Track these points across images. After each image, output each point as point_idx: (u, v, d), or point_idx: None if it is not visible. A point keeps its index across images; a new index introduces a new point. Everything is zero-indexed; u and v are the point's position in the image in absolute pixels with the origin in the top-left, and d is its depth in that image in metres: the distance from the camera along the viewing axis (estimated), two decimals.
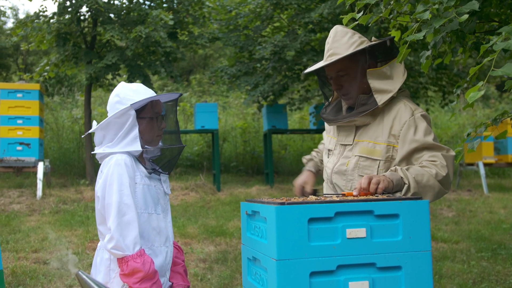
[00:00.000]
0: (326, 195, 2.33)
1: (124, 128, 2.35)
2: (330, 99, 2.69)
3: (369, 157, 2.37)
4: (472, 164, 10.70)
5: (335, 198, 2.07)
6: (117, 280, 2.29)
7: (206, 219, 7.28)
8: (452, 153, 2.31)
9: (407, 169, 2.22)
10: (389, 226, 1.93)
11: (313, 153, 2.87)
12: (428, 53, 2.85)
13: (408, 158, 2.31)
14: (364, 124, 2.42)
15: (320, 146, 2.87)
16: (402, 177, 2.19)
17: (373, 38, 2.55)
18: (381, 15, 2.82)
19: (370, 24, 2.88)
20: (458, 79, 10.18)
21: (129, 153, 2.37)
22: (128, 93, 2.39)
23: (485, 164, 10.55)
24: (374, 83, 2.38)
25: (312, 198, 2.13)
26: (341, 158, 2.47)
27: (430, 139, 2.29)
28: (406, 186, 2.18)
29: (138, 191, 2.35)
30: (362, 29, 8.65)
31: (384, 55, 2.47)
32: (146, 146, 2.44)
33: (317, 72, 2.63)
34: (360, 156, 2.39)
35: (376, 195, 2.12)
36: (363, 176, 2.32)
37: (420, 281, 1.93)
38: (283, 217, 1.85)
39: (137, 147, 2.34)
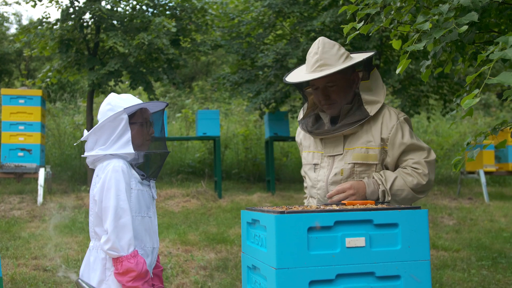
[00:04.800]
0: (326, 204, 2.34)
1: (117, 131, 2.48)
2: (304, 112, 2.71)
3: (364, 162, 2.47)
4: (473, 173, 10.69)
5: (334, 207, 2.08)
6: (112, 278, 2.44)
7: (207, 226, 7.28)
8: (433, 155, 2.51)
9: (392, 184, 2.41)
10: (388, 235, 1.94)
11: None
12: (428, 62, 2.87)
13: (397, 160, 2.50)
14: (353, 133, 2.51)
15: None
16: (384, 190, 2.41)
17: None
18: (381, 24, 2.85)
19: (371, 33, 2.90)
20: (459, 88, 10.19)
21: (125, 160, 2.51)
22: (119, 102, 2.54)
23: (486, 173, 10.53)
24: (364, 95, 2.51)
25: (312, 206, 2.14)
26: (333, 169, 2.52)
27: (415, 140, 2.50)
28: (382, 199, 2.41)
29: (133, 195, 2.51)
30: (363, 38, 8.69)
31: (364, 67, 2.58)
32: (137, 149, 2.57)
33: (298, 83, 2.61)
34: (355, 163, 2.47)
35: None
36: (360, 181, 2.46)
37: None
38: (283, 225, 1.86)
39: (129, 149, 2.49)
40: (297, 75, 2.62)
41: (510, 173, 10.72)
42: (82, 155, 2.69)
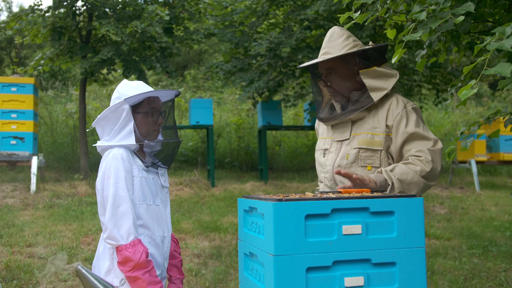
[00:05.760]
0: (323, 192, 2.37)
1: (119, 122, 2.43)
2: (322, 102, 2.77)
3: (369, 147, 2.49)
4: (464, 162, 10.78)
5: (331, 195, 2.11)
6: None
7: (201, 214, 7.31)
8: (439, 145, 2.47)
9: (391, 170, 2.38)
10: (384, 223, 1.96)
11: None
12: (424, 52, 2.89)
13: (400, 148, 2.47)
14: (359, 118, 2.55)
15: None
16: (386, 179, 2.36)
17: (370, 43, 2.65)
18: (377, 14, 2.86)
19: (366, 23, 2.91)
20: (452, 78, 10.24)
21: (126, 148, 2.45)
22: (127, 90, 2.48)
23: (477, 162, 10.62)
24: (368, 82, 2.52)
25: (309, 194, 2.16)
26: (340, 153, 2.56)
27: (420, 130, 2.46)
28: (390, 186, 2.36)
29: (136, 183, 2.44)
30: (357, 27, 8.69)
31: (374, 60, 2.57)
32: (144, 139, 2.51)
33: (311, 70, 2.74)
34: (360, 148, 2.50)
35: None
36: (365, 167, 2.48)
37: (414, 277, 1.97)
38: (281, 213, 1.88)
39: (131, 141, 2.43)
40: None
41: (501, 163, 10.81)
42: (93, 145, 2.67)
